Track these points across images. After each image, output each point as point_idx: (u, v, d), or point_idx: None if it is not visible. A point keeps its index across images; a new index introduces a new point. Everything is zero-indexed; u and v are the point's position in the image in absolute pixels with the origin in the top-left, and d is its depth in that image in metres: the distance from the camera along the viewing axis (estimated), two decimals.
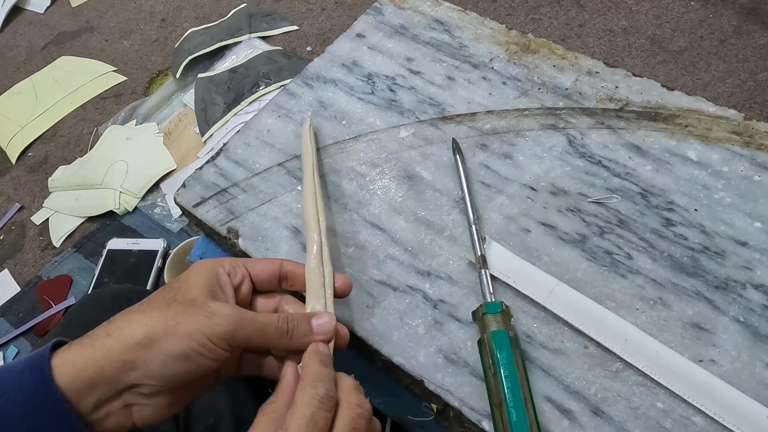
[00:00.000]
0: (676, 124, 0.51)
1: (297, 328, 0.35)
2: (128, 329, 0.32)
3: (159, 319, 0.32)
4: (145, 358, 0.31)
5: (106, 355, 0.31)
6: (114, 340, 0.31)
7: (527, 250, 0.46)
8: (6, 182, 1.06)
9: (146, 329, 0.31)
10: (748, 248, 0.44)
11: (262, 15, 1.20)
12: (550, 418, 0.39)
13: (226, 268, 0.37)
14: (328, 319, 0.37)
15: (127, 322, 0.32)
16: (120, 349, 0.31)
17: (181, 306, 0.33)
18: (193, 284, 0.35)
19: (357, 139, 0.56)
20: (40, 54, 1.28)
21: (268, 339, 0.35)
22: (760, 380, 0.39)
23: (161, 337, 0.31)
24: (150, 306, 0.33)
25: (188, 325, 0.32)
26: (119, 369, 0.31)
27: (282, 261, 0.39)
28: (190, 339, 0.32)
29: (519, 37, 0.60)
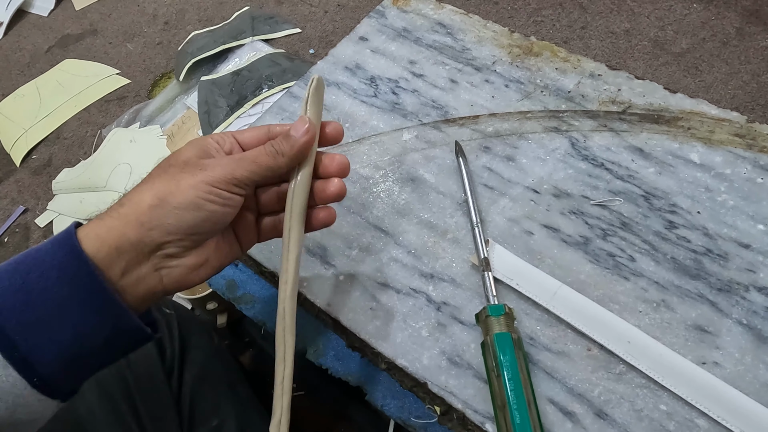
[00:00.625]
0: (679, 127, 0.51)
1: (282, 143, 0.38)
2: (137, 198, 0.34)
3: (162, 182, 0.34)
4: (160, 216, 0.33)
5: (124, 222, 0.33)
6: (127, 209, 0.33)
7: (530, 253, 0.47)
8: (10, 185, 1.06)
9: (153, 192, 0.34)
10: (751, 251, 0.44)
11: (265, 18, 1.21)
12: (554, 420, 0.39)
13: (215, 138, 0.39)
14: (300, 120, 0.39)
15: (136, 192, 0.34)
16: (135, 214, 0.33)
17: (177, 168, 0.35)
18: (185, 151, 0.37)
19: (360, 141, 0.56)
20: (44, 57, 1.28)
21: (266, 166, 0.37)
22: (763, 382, 0.39)
23: (168, 195, 0.33)
24: (151, 177, 0.36)
25: (188, 179, 0.34)
26: (139, 231, 0.33)
27: (269, 125, 0.41)
28: (194, 189, 0.34)
29: (521, 40, 0.60)
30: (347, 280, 0.48)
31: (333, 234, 0.50)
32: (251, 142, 0.40)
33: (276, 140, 0.38)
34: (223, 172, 0.35)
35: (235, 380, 0.62)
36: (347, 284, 0.48)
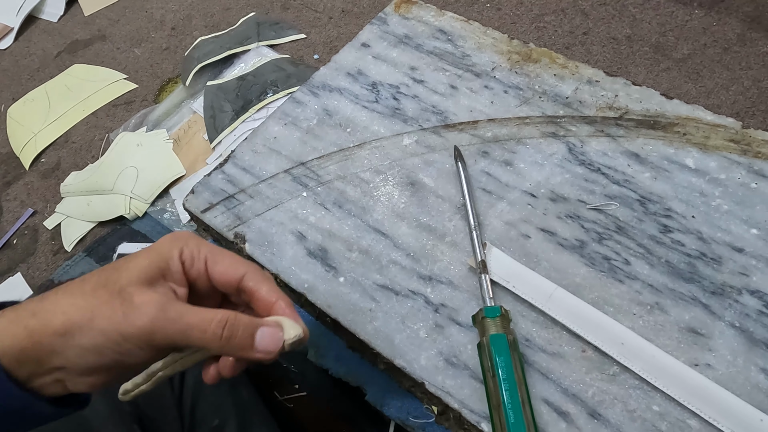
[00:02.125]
0: (675, 132, 0.52)
1: (235, 337, 0.32)
2: (51, 313, 0.31)
3: (79, 308, 0.31)
4: (63, 347, 0.30)
5: (28, 337, 0.30)
6: (36, 323, 0.31)
7: (527, 256, 0.47)
8: (19, 188, 1.08)
9: (65, 318, 0.30)
10: (744, 254, 0.45)
11: (271, 24, 1.22)
12: (548, 420, 0.40)
13: (185, 255, 0.34)
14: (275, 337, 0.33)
15: (55, 304, 0.31)
16: (39, 334, 0.30)
17: (106, 295, 0.31)
18: (134, 267, 0.32)
19: (361, 146, 0.57)
20: (54, 62, 1.30)
21: (195, 343, 0.31)
22: (754, 384, 0.39)
23: (76, 329, 0.30)
24: (81, 289, 0.32)
25: (103, 320, 0.30)
26: (40, 351, 0.30)
27: (247, 271, 0.35)
28: (103, 336, 0.30)
29: (521, 47, 0.61)
30: (347, 281, 0.49)
31: (334, 237, 0.51)
32: (220, 278, 0.35)
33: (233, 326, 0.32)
34: (140, 331, 0.30)
35: (236, 381, 0.63)
36: (347, 286, 0.49)
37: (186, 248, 0.34)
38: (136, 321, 0.30)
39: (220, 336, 0.31)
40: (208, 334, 0.31)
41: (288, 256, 0.51)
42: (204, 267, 0.34)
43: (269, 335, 0.32)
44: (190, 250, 0.34)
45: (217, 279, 0.35)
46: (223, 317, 0.31)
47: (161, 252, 0.33)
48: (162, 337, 0.31)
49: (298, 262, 0.51)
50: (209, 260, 0.34)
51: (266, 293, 0.34)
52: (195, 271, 0.34)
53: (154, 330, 0.30)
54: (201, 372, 0.60)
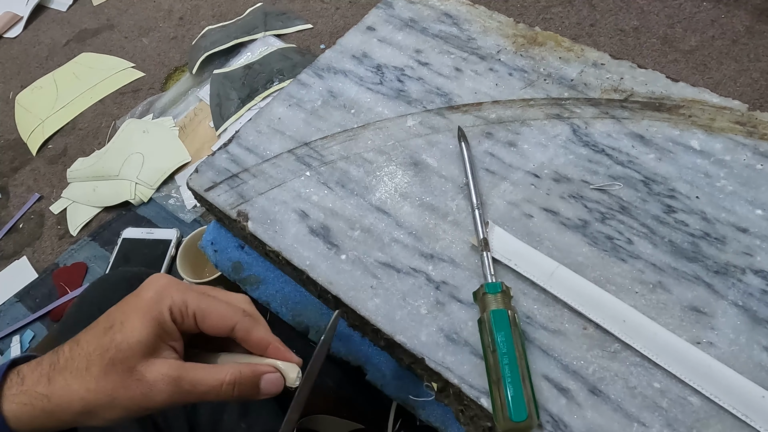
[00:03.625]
0: (680, 115, 0.51)
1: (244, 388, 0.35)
2: (67, 399, 0.33)
3: (96, 393, 0.33)
4: (87, 421, 0.34)
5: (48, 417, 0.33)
6: (54, 407, 0.33)
7: (529, 235, 0.47)
8: (26, 173, 1.09)
9: (84, 403, 0.33)
10: (748, 234, 0.44)
11: (278, 14, 1.22)
12: (548, 396, 0.40)
13: (174, 312, 0.35)
14: (277, 383, 0.37)
15: (67, 389, 0.33)
16: (60, 413, 0.33)
17: (118, 377, 0.33)
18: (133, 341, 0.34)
19: (365, 127, 0.57)
20: (62, 51, 1.31)
21: (210, 399, 0.35)
22: (757, 362, 0.39)
23: (99, 408, 0.33)
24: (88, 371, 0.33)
25: (124, 401, 0.33)
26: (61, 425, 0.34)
27: (237, 322, 0.37)
28: (126, 411, 0.34)
29: (526, 30, 0.61)
30: (349, 259, 0.49)
31: (336, 215, 0.51)
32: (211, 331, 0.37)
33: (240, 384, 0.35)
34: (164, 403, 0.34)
35: None
36: (349, 264, 0.49)
37: (174, 306, 0.36)
38: (155, 398, 0.34)
39: (231, 393, 0.35)
40: (222, 395, 0.35)
41: (290, 234, 0.51)
42: (194, 323, 0.36)
43: (271, 382, 0.37)
44: (178, 308, 0.36)
45: (209, 332, 0.37)
46: (231, 379, 0.35)
47: (153, 317, 0.35)
48: (181, 402, 0.35)
49: (301, 240, 0.51)
50: (198, 316, 0.36)
51: (259, 340, 0.37)
52: (186, 326, 0.36)
53: (174, 401, 0.34)
54: None
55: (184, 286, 0.37)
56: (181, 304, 0.35)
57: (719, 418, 0.37)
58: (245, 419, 0.58)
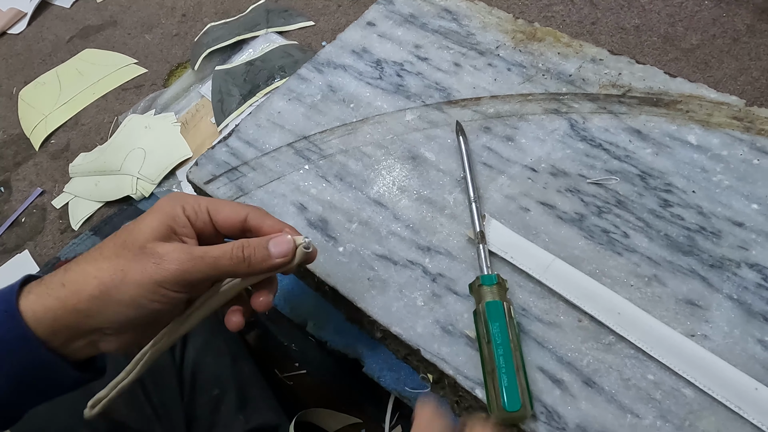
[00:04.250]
0: (678, 110, 0.52)
1: (254, 254, 0.35)
2: (81, 281, 0.32)
3: (108, 270, 0.32)
4: (99, 308, 0.32)
5: (62, 305, 0.32)
6: (68, 292, 0.32)
7: (526, 228, 0.47)
8: (29, 168, 1.09)
9: (97, 282, 0.32)
10: (744, 229, 0.44)
11: (280, 11, 1.23)
12: (543, 388, 0.40)
13: (188, 210, 0.36)
14: (285, 240, 0.36)
15: (81, 274, 0.33)
16: (75, 300, 0.32)
17: (130, 253, 0.33)
18: (145, 228, 0.34)
19: (364, 121, 0.57)
20: (66, 47, 1.32)
21: (225, 272, 0.35)
22: (751, 355, 0.39)
23: (112, 288, 0.32)
24: (101, 255, 0.34)
25: (137, 274, 0.32)
26: (76, 318, 0.32)
27: (249, 212, 0.38)
28: (140, 288, 0.32)
29: (525, 26, 0.61)
30: (347, 252, 0.49)
31: (334, 208, 0.52)
32: (225, 223, 0.37)
33: (249, 246, 0.35)
34: (176, 272, 0.33)
35: (238, 355, 0.63)
36: (346, 256, 0.49)
37: (187, 204, 0.37)
38: (168, 266, 0.33)
39: (242, 257, 0.34)
40: (234, 259, 0.34)
41: None
42: (208, 217, 0.37)
43: (281, 242, 0.36)
44: (191, 206, 0.37)
45: (222, 224, 0.37)
46: (239, 242, 0.35)
47: (166, 211, 0.35)
48: (195, 274, 0.33)
49: (299, 232, 0.51)
50: (211, 210, 0.37)
51: (271, 226, 0.38)
52: (200, 222, 0.37)
53: (187, 269, 0.33)
54: (202, 343, 0.61)
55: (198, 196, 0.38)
56: (195, 203, 0.37)
57: (712, 410, 0.38)
58: (243, 411, 0.59)
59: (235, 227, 0.38)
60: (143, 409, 0.54)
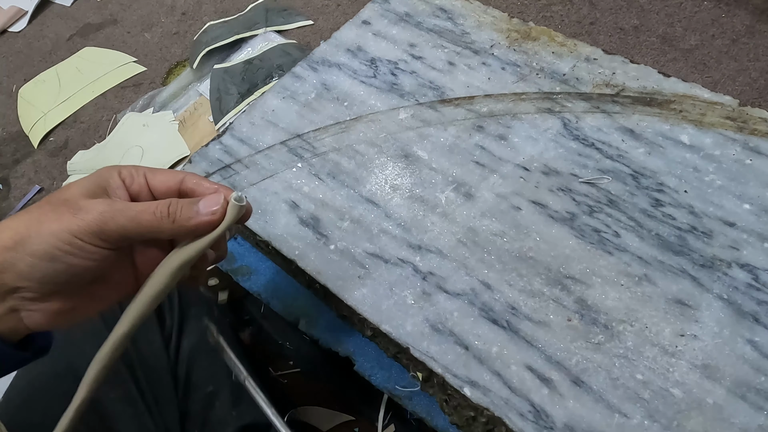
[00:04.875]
0: (671, 110, 0.51)
1: (179, 211, 0.33)
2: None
3: (25, 220, 0.31)
4: (13, 260, 0.30)
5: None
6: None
7: (517, 227, 0.47)
8: (27, 165, 1.10)
9: (11, 231, 0.30)
10: (735, 229, 0.44)
11: (279, 10, 1.23)
12: (531, 387, 0.40)
13: (123, 174, 0.35)
14: (215, 196, 0.34)
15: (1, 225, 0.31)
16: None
17: (50, 206, 0.32)
18: (74, 186, 0.33)
19: (358, 119, 0.57)
20: (66, 45, 1.32)
21: (147, 227, 0.32)
22: (740, 355, 0.39)
23: (25, 238, 0.30)
24: (26, 210, 0.32)
25: (52, 223, 0.31)
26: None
27: (186, 175, 0.36)
28: (54, 237, 0.30)
29: (520, 25, 0.61)
30: (338, 249, 0.49)
31: (326, 206, 0.52)
32: (161, 187, 0.36)
33: (176, 203, 0.33)
34: (92, 222, 0.31)
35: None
36: (337, 254, 0.49)
37: (124, 169, 0.35)
38: (85, 216, 0.31)
39: (167, 213, 0.32)
40: (157, 215, 0.32)
41: (280, 224, 0.51)
42: (144, 180, 0.35)
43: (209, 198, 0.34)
44: (128, 170, 0.35)
45: (158, 187, 0.36)
46: (165, 200, 0.33)
47: (100, 173, 0.34)
48: (114, 227, 0.31)
49: (290, 230, 0.51)
50: (148, 174, 0.36)
51: (208, 188, 0.36)
52: (136, 186, 0.35)
53: (105, 220, 0.31)
54: (198, 340, 0.61)
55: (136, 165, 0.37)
56: (132, 168, 0.35)
57: (700, 410, 0.37)
58: (236, 408, 0.59)
59: (171, 190, 0.36)
60: (136, 405, 0.54)
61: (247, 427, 0.57)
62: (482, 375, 0.41)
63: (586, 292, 0.43)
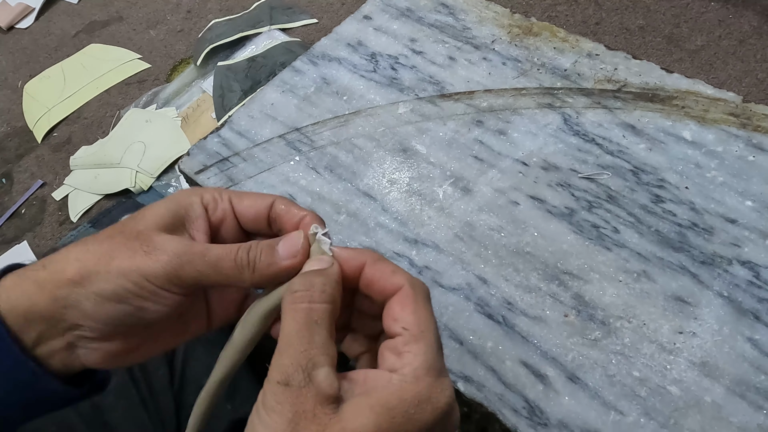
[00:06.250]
0: (673, 105, 0.51)
1: (259, 257, 0.29)
2: (63, 263, 0.28)
3: (95, 253, 0.28)
4: (78, 297, 0.28)
5: (39, 290, 0.28)
6: (47, 274, 0.28)
7: (515, 222, 0.47)
8: (31, 160, 1.10)
9: (79, 264, 0.28)
10: (737, 225, 0.43)
11: (284, 8, 1.23)
12: (526, 382, 0.39)
13: (206, 199, 0.31)
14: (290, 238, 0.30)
15: (65, 255, 0.28)
16: (52, 285, 0.28)
17: (123, 238, 0.28)
18: (150, 215, 0.29)
19: (357, 113, 0.57)
20: (71, 41, 1.33)
21: (226, 275, 0.29)
22: (740, 353, 0.38)
23: (93, 274, 0.27)
24: (94, 238, 0.29)
25: (123, 261, 0.27)
26: (52, 306, 0.28)
27: (275, 199, 0.32)
28: (123, 278, 0.27)
29: (522, 21, 0.61)
30: (333, 243, 0.48)
31: (323, 199, 0.51)
32: (248, 212, 0.31)
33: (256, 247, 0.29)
34: (165, 268, 0.27)
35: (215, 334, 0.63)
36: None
37: (206, 193, 0.31)
38: (160, 257, 0.27)
39: (247, 262, 0.29)
40: (238, 262, 0.28)
41: None
42: (230, 206, 0.31)
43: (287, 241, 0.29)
44: (211, 194, 0.31)
45: (245, 213, 0.31)
46: (245, 244, 0.29)
47: (180, 200, 0.30)
48: (190, 273, 0.28)
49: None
50: (234, 199, 0.31)
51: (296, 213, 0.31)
52: (220, 212, 0.31)
53: (181, 265, 0.28)
54: None
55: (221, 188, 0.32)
56: (216, 191, 0.31)
57: (698, 408, 0.37)
58: (232, 401, 0.58)
59: (260, 216, 0.31)
60: (131, 396, 0.53)
61: (243, 420, 0.57)
62: (477, 370, 0.40)
63: (583, 288, 0.43)
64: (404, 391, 0.24)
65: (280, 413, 0.24)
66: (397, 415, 0.24)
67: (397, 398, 0.24)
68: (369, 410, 0.24)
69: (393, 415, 0.24)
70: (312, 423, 0.24)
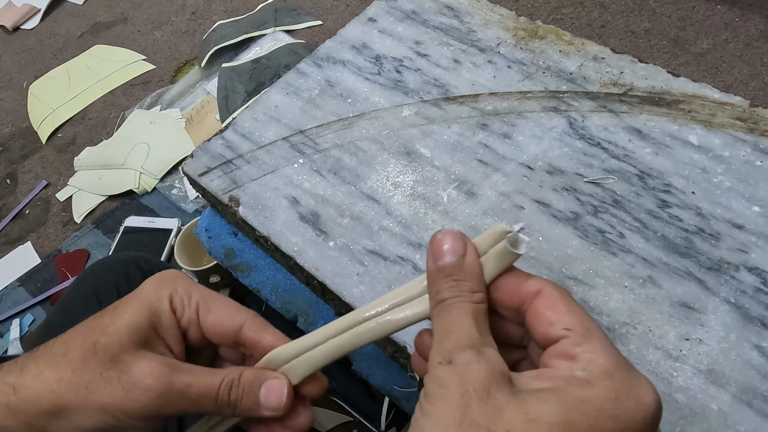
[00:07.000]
0: (680, 110, 0.50)
1: (241, 399, 0.28)
2: (36, 391, 0.27)
3: (71, 383, 0.27)
4: (56, 428, 0.27)
5: (12, 416, 0.27)
6: (19, 401, 0.27)
7: None
8: (35, 161, 1.10)
9: (54, 396, 0.27)
10: (744, 231, 0.43)
11: (288, 10, 1.23)
12: None
13: (175, 301, 0.30)
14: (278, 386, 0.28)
15: (38, 378, 0.27)
16: (25, 414, 0.27)
17: (98, 366, 0.27)
18: (121, 326, 0.28)
19: (361, 116, 0.56)
20: (76, 42, 1.33)
21: (206, 411, 0.29)
22: (746, 360, 0.38)
23: (71, 408, 0.27)
24: (64, 357, 0.28)
25: (102, 397, 0.27)
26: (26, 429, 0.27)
27: (246, 319, 0.30)
28: (103, 414, 0.27)
29: (527, 23, 0.60)
30: (337, 246, 0.48)
31: (327, 203, 0.51)
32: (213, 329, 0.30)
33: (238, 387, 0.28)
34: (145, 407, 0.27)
35: None
36: (336, 250, 0.48)
37: (176, 294, 0.30)
38: (140, 397, 0.27)
39: (227, 402, 0.28)
40: (219, 401, 0.28)
41: (280, 220, 0.51)
42: (195, 316, 0.30)
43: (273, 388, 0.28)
44: (180, 297, 0.30)
45: (209, 329, 0.30)
46: (228, 379, 0.28)
47: (150, 303, 0.29)
48: (170, 411, 0.28)
49: (290, 225, 0.50)
50: (201, 308, 0.30)
51: (271, 343, 0.29)
52: (185, 320, 0.30)
53: (162, 405, 0.27)
54: None
55: (192, 281, 0.31)
56: (184, 293, 0.30)
57: (705, 417, 0.36)
58: None
59: (225, 336, 0.30)
60: None
61: None
62: None
63: (588, 294, 0.42)
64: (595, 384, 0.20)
65: (445, 398, 0.20)
66: (589, 409, 0.20)
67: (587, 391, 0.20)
68: (555, 399, 0.20)
69: (585, 409, 0.20)
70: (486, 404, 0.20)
